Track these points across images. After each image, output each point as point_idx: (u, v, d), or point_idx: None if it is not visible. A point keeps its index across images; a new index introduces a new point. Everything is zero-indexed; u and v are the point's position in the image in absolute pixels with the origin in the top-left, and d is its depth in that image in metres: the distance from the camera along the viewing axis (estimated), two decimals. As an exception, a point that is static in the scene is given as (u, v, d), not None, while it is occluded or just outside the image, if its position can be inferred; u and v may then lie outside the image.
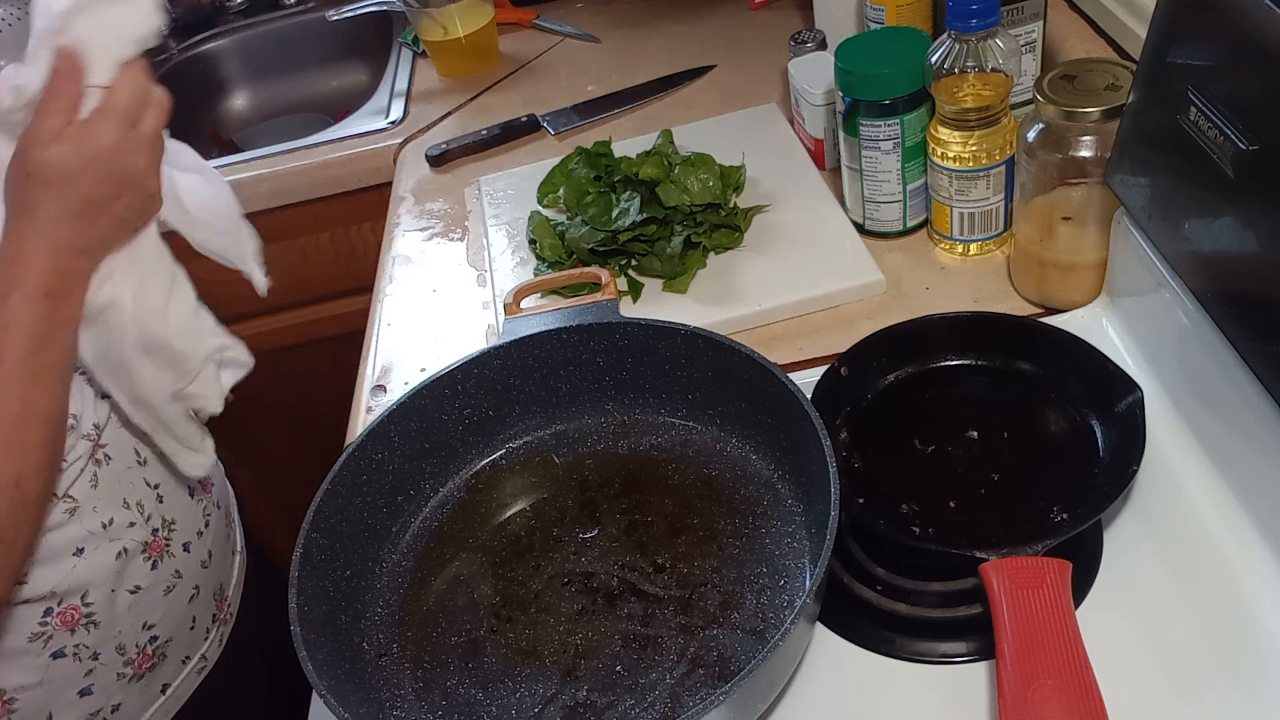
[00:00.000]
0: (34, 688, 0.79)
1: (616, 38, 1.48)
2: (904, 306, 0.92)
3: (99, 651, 0.81)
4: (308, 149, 1.38)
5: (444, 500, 0.82)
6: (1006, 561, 0.63)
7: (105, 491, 0.79)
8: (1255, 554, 0.66)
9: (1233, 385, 0.66)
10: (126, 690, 0.84)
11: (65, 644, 0.79)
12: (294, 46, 1.76)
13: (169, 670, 0.88)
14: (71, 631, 0.79)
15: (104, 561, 0.79)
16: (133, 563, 0.81)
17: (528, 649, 0.71)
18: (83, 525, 0.78)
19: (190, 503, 0.88)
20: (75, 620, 0.79)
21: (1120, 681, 0.59)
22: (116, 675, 0.83)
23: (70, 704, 0.81)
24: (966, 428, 0.77)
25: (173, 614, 0.86)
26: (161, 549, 0.84)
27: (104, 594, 0.80)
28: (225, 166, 1.38)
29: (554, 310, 0.83)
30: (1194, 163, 0.65)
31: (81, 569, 0.78)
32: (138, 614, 0.83)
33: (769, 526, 0.74)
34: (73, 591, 0.78)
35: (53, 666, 0.79)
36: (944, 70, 0.86)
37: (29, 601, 0.76)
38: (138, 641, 0.84)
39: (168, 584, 0.85)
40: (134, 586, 0.82)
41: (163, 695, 0.88)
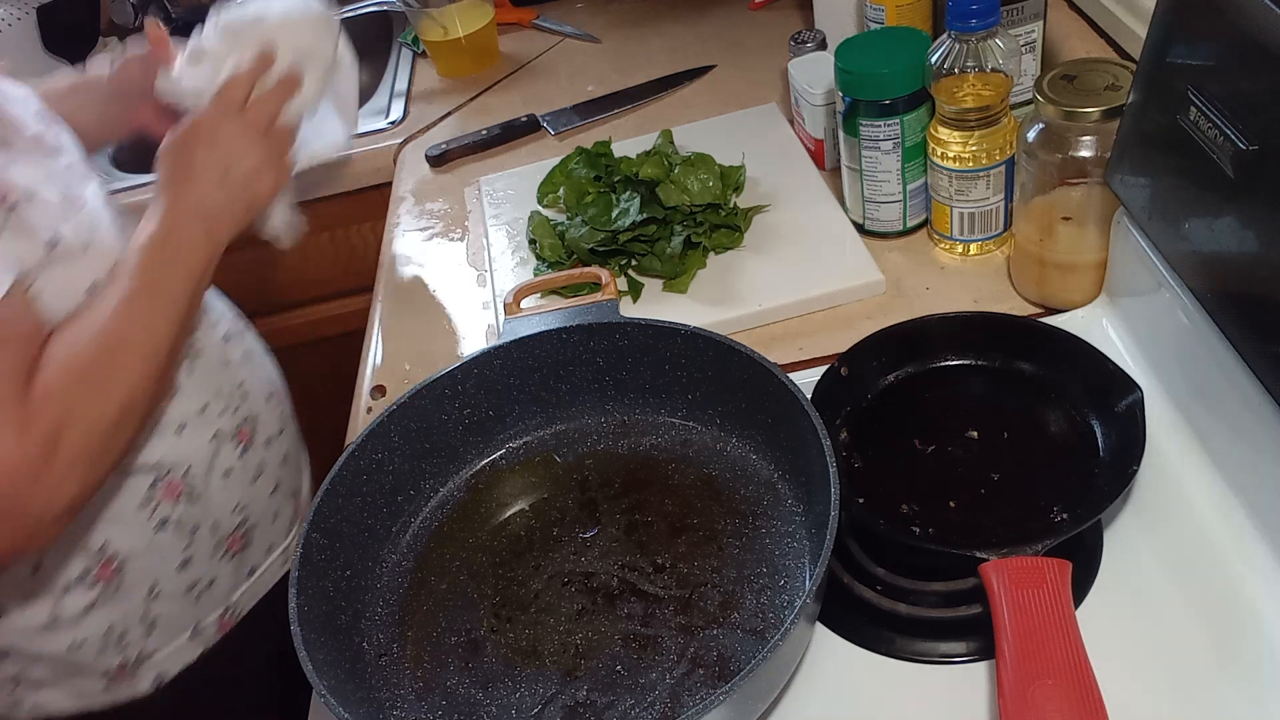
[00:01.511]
0: (141, 555, 0.86)
1: (616, 38, 1.48)
2: (904, 306, 0.92)
3: (197, 526, 0.89)
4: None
5: (444, 500, 0.82)
6: (1006, 561, 0.63)
7: (199, 380, 0.89)
8: (1255, 554, 0.66)
9: (1233, 385, 0.66)
10: (220, 567, 0.93)
11: (168, 515, 0.87)
12: (294, 46, 1.76)
13: (255, 555, 0.97)
14: (174, 503, 0.87)
15: (200, 441, 0.88)
16: (225, 447, 0.91)
17: (528, 649, 0.71)
18: (180, 407, 0.87)
19: (267, 405, 0.97)
20: (176, 493, 0.87)
21: (1120, 681, 0.59)
22: (211, 550, 0.91)
23: (171, 575, 0.89)
24: (966, 428, 0.77)
25: (259, 502, 0.95)
26: (248, 439, 0.94)
27: (201, 471, 0.89)
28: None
29: (554, 310, 0.83)
30: (1194, 163, 0.65)
31: (182, 445, 0.87)
32: (229, 495, 0.92)
33: (769, 526, 0.74)
34: (176, 466, 0.87)
35: (157, 536, 0.87)
36: (944, 70, 0.86)
37: (139, 471, 0.85)
38: (230, 522, 0.92)
39: (254, 472, 0.94)
40: (226, 469, 0.91)
41: (250, 578, 0.97)
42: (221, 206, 0.81)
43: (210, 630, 0.94)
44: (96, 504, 0.83)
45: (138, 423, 0.77)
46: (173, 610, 0.90)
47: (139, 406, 0.76)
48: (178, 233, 0.79)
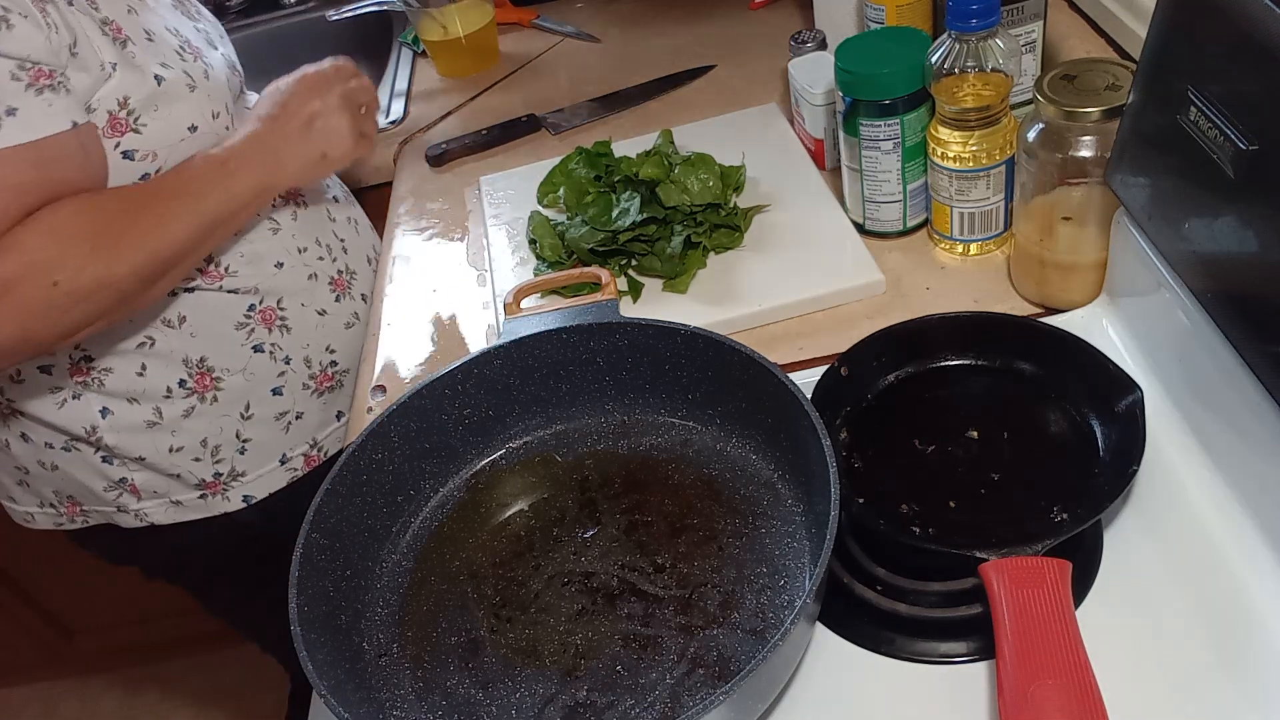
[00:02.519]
0: (238, 373, 0.95)
1: (616, 38, 1.48)
2: (904, 306, 0.92)
3: (291, 356, 0.97)
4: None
5: (444, 500, 0.82)
6: (1006, 561, 0.63)
7: (302, 225, 0.98)
8: (1255, 554, 0.66)
9: (1233, 385, 0.66)
10: (310, 402, 1.01)
11: (264, 340, 0.95)
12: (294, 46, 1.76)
13: (344, 399, 1.04)
14: (270, 329, 0.96)
15: (298, 278, 0.97)
16: (321, 288, 0.99)
17: (528, 649, 0.71)
18: (282, 243, 0.95)
19: (367, 269, 1.07)
20: (272, 320, 0.96)
21: (1120, 681, 0.59)
22: (303, 384, 0.99)
23: (264, 399, 0.97)
24: (966, 428, 0.77)
25: (350, 348, 1.02)
26: (345, 287, 1.02)
27: (296, 305, 0.97)
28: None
29: (554, 310, 0.83)
30: (1194, 163, 0.65)
31: (281, 277, 0.95)
32: (322, 335, 0.99)
33: (769, 526, 0.74)
34: (272, 293, 0.95)
35: (254, 358, 0.95)
36: (944, 70, 0.86)
37: (237, 292, 0.93)
38: (321, 360, 1.00)
39: (348, 319, 1.02)
40: (321, 309, 0.99)
41: (337, 421, 1.05)
42: (296, 149, 0.90)
43: (298, 462, 1.02)
44: (197, 320, 0.92)
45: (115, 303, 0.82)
46: (264, 434, 0.99)
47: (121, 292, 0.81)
48: (240, 160, 0.87)
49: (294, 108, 0.91)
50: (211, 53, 0.94)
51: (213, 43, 0.97)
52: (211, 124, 0.89)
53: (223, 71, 0.93)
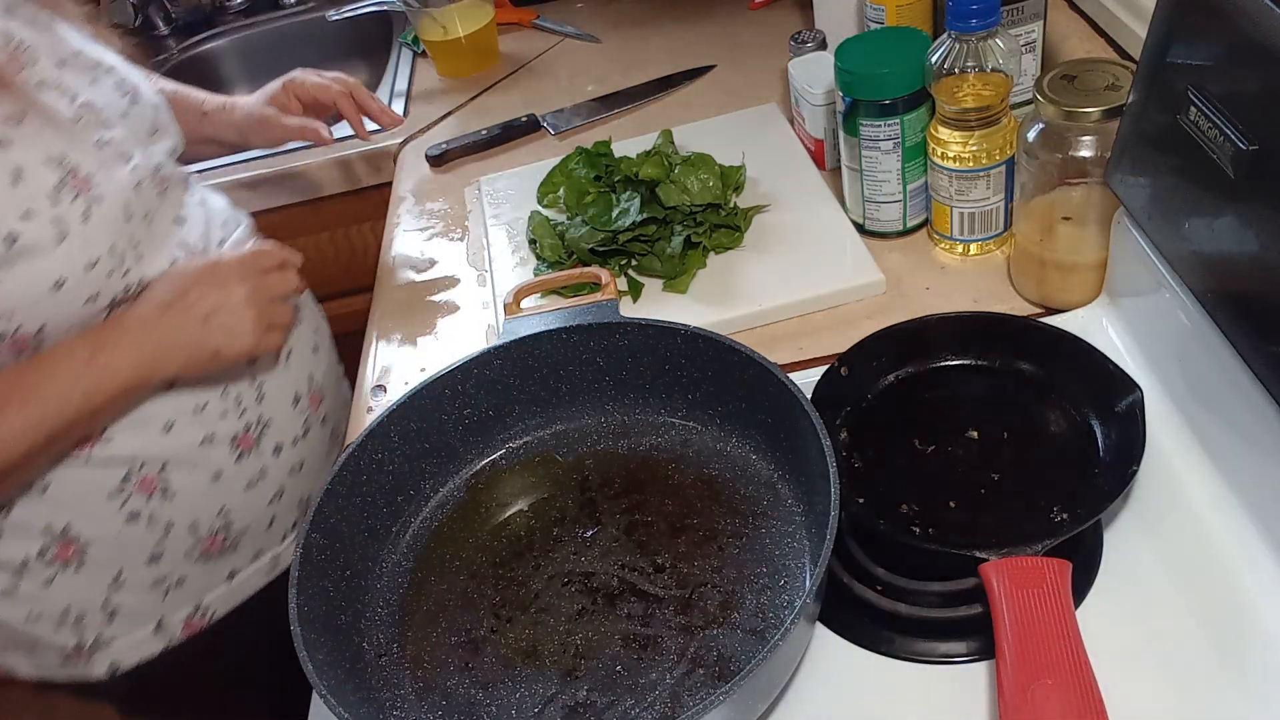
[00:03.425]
0: (107, 543, 0.84)
1: (616, 38, 1.48)
2: (904, 306, 0.92)
3: (173, 523, 0.86)
4: (308, 149, 1.38)
5: (444, 500, 0.82)
6: (1006, 561, 0.63)
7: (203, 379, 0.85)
8: (1255, 554, 0.66)
9: (1233, 385, 0.66)
10: (193, 567, 0.90)
11: (140, 508, 0.84)
12: (294, 46, 1.76)
13: (239, 559, 0.93)
14: (148, 497, 0.84)
15: (189, 441, 0.85)
16: (217, 450, 0.87)
17: (528, 649, 0.71)
18: (177, 402, 0.84)
19: (292, 410, 0.93)
20: (152, 488, 0.85)
21: (1120, 681, 0.59)
22: (185, 551, 0.88)
23: (139, 566, 0.87)
24: (966, 428, 0.77)
25: (251, 508, 0.91)
26: (251, 445, 0.89)
27: (184, 471, 0.86)
28: (226, 166, 1.38)
29: (554, 310, 0.83)
30: (1194, 163, 0.65)
31: (166, 442, 0.84)
32: (214, 498, 0.88)
33: (769, 526, 0.74)
34: (154, 460, 0.84)
35: (127, 527, 0.85)
36: (944, 70, 0.86)
37: (110, 462, 0.82)
38: (211, 524, 0.89)
39: (250, 479, 0.90)
40: (215, 472, 0.87)
41: (228, 581, 0.94)
42: (188, 343, 0.81)
43: (175, 628, 0.92)
44: (61, 487, 0.82)
45: None
46: (136, 601, 0.89)
47: None
48: (115, 351, 0.78)
49: (194, 297, 0.81)
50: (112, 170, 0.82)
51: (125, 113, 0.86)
52: (84, 276, 0.77)
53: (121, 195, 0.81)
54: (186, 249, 0.87)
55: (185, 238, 0.88)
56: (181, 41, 1.75)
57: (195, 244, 0.88)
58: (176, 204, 0.89)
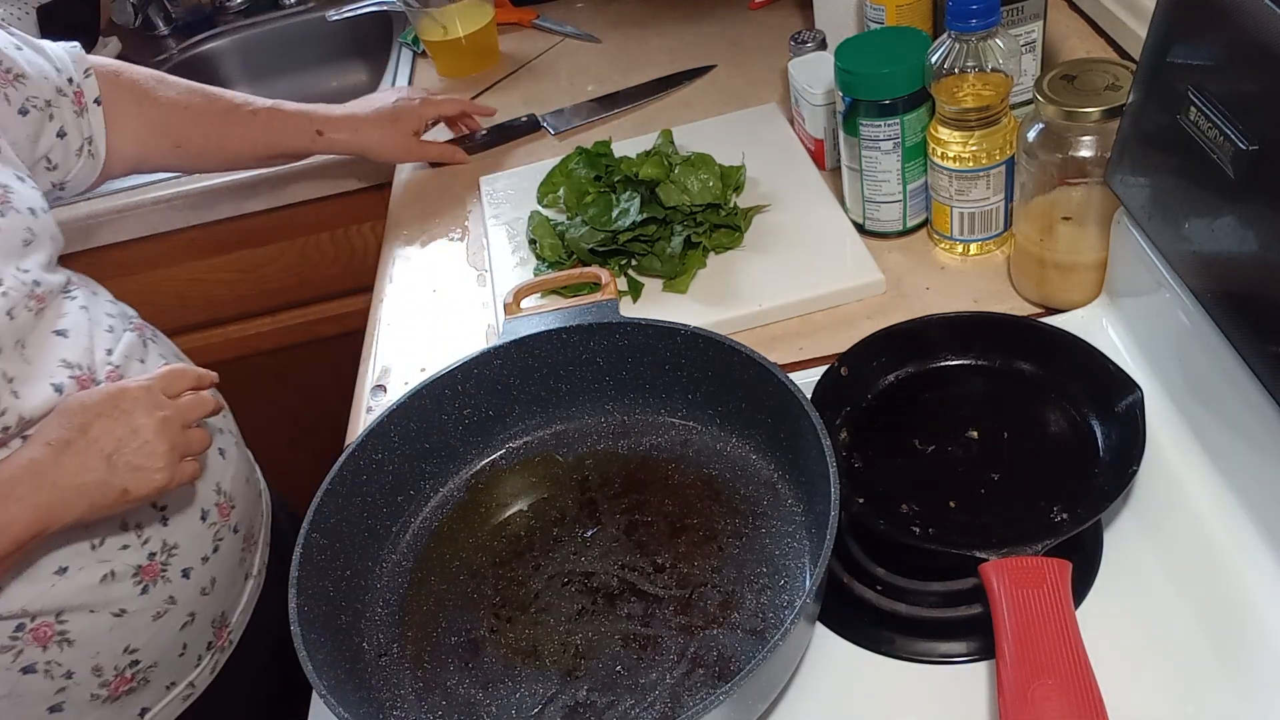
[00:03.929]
0: (1, 699, 0.76)
1: (616, 38, 1.48)
2: (904, 306, 0.92)
3: (73, 670, 0.78)
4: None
5: (444, 500, 0.82)
6: (1006, 561, 0.63)
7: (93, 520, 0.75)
8: (1255, 554, 0.66)
9: (1233, 385, 0.66)
10: (99, 710, 0.81)
11: (36, 660, 0.76)
12: (294, 46, 1.76)
13: (150, 695, 0.84)
14: (44, 648, 0.76)
15: (87, 583, 0.76)
16: (120, 585, 0.78)
17: (528, 649, 0.71)
18: (70, 544, 0.75)
19: (200, 526, 0.85)
20: (48, 637, 0.76)
21: (1120, 681, 0.59)
22: (90, 695, 0.80)
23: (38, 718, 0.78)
24: (966, 428, 0.77)
25: (160, 640, 0.83)
26: (157, 574, 0.81)
27: (83, 615, 0.77)
28: (225, 166, 1.38)
29: (554, 310, 0.83)
30: (1194, 163, 0.65)
31: (61, 588, 0.75)
32: (119, 637, 0.79)
33: (769, 526, 0.74)
34: (47, 610, 0.75)
35: (22, 681, 0.76)
36: (944, 70, 0.86)
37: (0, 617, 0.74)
38: (116, 664, 0.80)
39: (158, 610, 0.82)
40: (119, 609, 0.79)
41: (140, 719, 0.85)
42: (92, 486, 0.71)
43: None
44: None
45: None
46: None
47: None
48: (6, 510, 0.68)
49: (96, 433, 0.71)
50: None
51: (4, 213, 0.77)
52: None
53: None
54: (70, 368, 0.77)
55: (67, 355, 0.78)
56: (181, 41, 1.75)
57: (79, 361, 0.78)
58: (55, 317, 0.80)
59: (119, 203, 1.36)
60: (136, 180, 1.38)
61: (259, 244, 1.42)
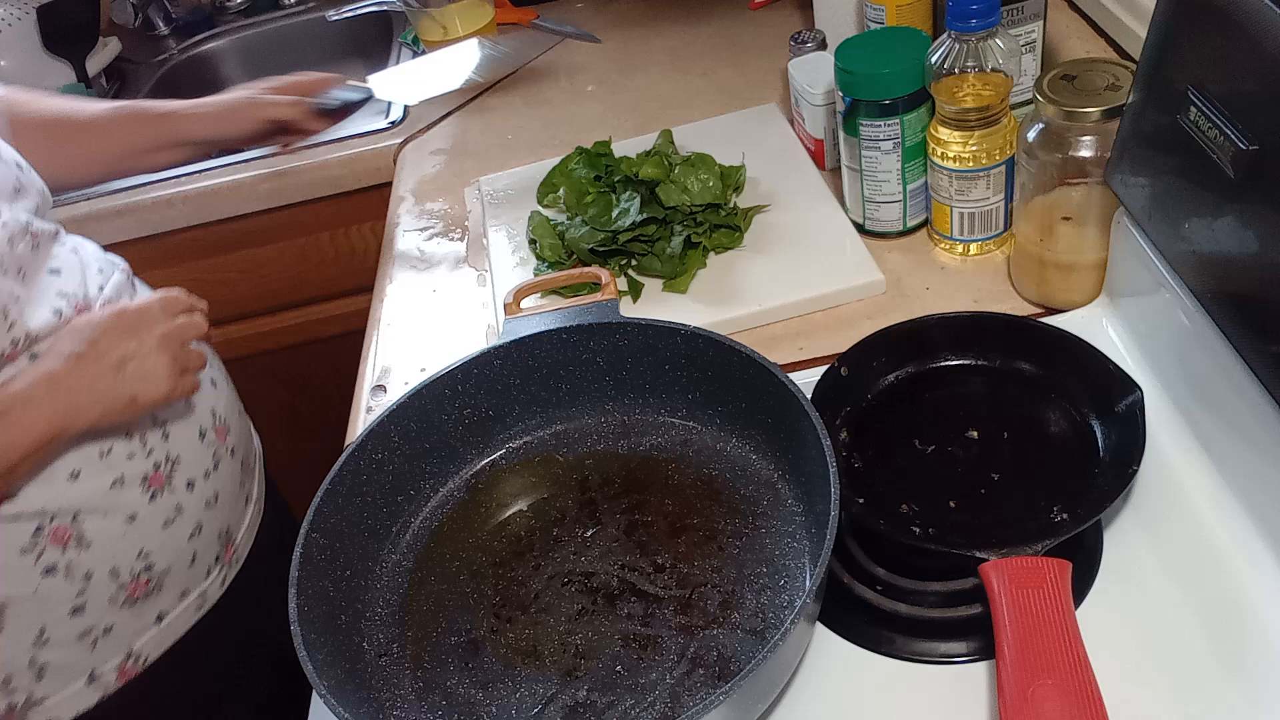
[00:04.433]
0: (25, 600, 0.81)
1: (616, 38, 1.48)
2: (904, 306, 0.92)
3: (91, 572, 0.83)
4: (308, 149, 1.38)
5: (444, 500, 0.82)
6: (1006, 561, 0.63)
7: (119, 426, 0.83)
8: (1255, 554, 0.66)
9: (1233, 385, 0.66)
10: (119, 614, 0.86)
11: (56, 561, 0.81)
12: (294, 46, 1.76)
13: (165, 600, 0.90)
14: (63, 549, 0.81)
15: (98, 486, 0.82)
16: (129, 492, 0.84)
17: (528, 649, 0.71)
18: (80, 450, 0.81)
19: (199, 444, 0.91)
20: (66, 539, 0.81)
21: (1120, 681, 0.59)
22: (109, 598, 0.85)
23: (61, 620, 0.83)
24: (966, 428, 0.77)
25: (170, 547, 0.89)
26: (162, 483, 0.87)
27: (97, 517, 0.83)
28: (225, 166, 1.38)
29: (554, 310, 0.83)
30: (1194, 163, 0.65)
31: (75, 491, 0.81)
32: (132, 541, 0.85)
33: (769, 526, 0.74)
34: (64, 512, 0.81)
35: (44, 582, 0.81)
36: (944, 70, 0.86)
37: (19, 517, 0.79)
38: (132, 568, 0.86)
39: (167, 516, 0.87)
40: (130, 515, 0.84)
41: (158, 624, 0.90)
42: (103, 393, 0.79)
43: (109, 677, 0.88)
44: None
45: None
46: (64, 656, 0.85)
47: None
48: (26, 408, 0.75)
49: (105, 346, 0.79)
50: None
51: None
52: None
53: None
54: (66, 298, 0.84)
55: (63, 287, 0.85)
56: (181, 41, 1.75)
57: (74, 292, 0.85)
58: (48, 256, 0.87)
59: (119, 203, 1.36)
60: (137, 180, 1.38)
61: (259, 244, 1.42)
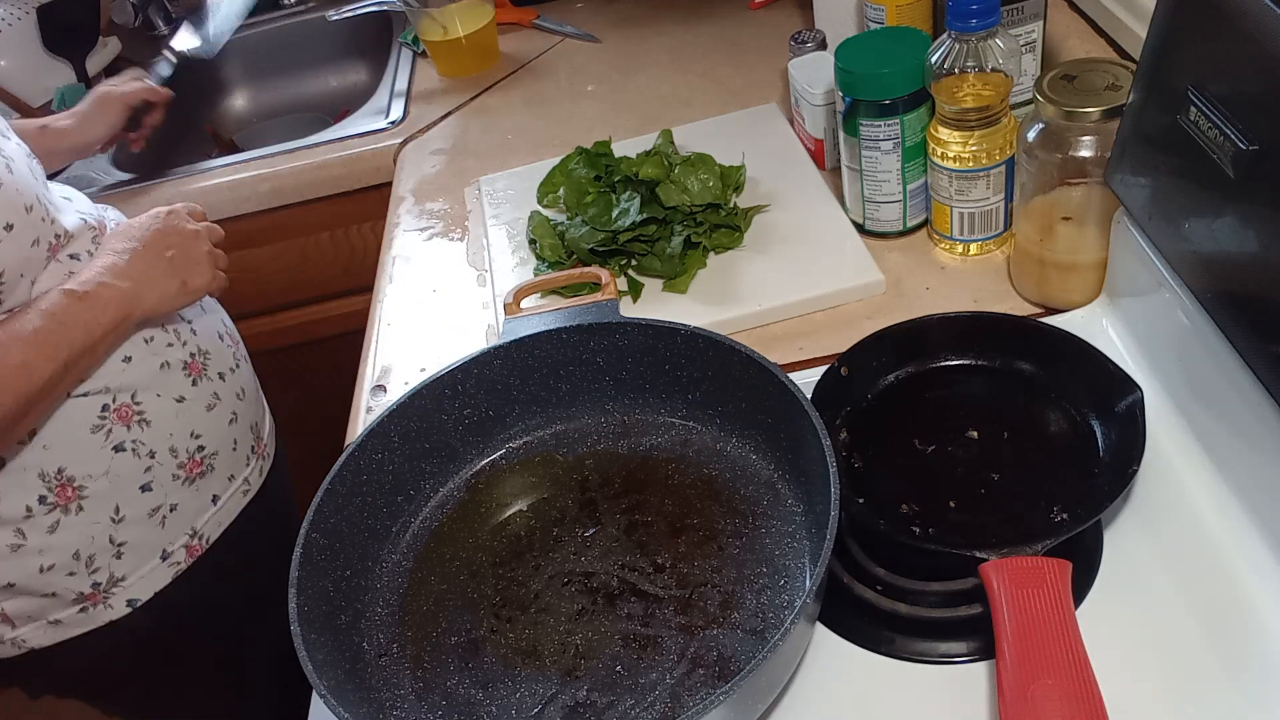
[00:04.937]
0: (100, 478, 0.89)
1: (616, 38, 1.48)
2: (904, 306, 0.92)
3: (155, 450, 0.93)
4: (308, 149, 1.38)
5: (444, 500, 0.82)
6: (1006, 561, 0.63)
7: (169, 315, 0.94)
8: (1255, 554, 0.66)
9: (1233, 385, 0.66)
10: (182, 492, 0.96)
11: (124, 439, 0.90)
12: (294, 46, 1.76)
13: (217, 482, 1.00)
14: (128, 427, 0.90)
15: (149, 369, 0.92)
16: (175, 375, 0.94)
17: (528, 649, 0.71)
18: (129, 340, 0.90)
19: (220, 345, 1.01)
20: (129, 416, 0.91)
21: (1120, 681, 0.59)
22: (172, 476, 0.94)
23: (133, 498, 0.92)
24: (966, 428, 0.77)
25: (216, 430, 0.98)
26: (200, 371, 0.97)
27: (152, 396, 0.92)
28: (225, 166, 1.38)
29: (554, 310, 0.83)
30: (1194, 163, 0.65)
31: (130, 372, 0.90)
32: (185, 421, 0.95)
33: (769, 526, 0.74)
34: (124, 389, 0.90)
35: (115, 459, 0.90)
36: (944, 70, 0.86)
37: (87, 395, 0.88)
38: (188, 447, 0.96)
39: (208, 401, 0.97)
40: (179, 396, 0.94)
41: (214, 505, 1.00)
42: (156, 280, 0.89)
43: (179, 555, 0.97)
44: (49, 430, 0.87)
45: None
46: (139, 534, 0.93)
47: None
48: (99, 293, 0.85)
49: (153, 241, 0.91)
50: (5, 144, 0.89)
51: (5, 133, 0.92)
52: (27, 219, 0.84)
53: (24, 163, 0.89)
54: (85, 217, 0.93)
55: (79, 207, 0.94)
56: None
57: (90, 213, 0.94)
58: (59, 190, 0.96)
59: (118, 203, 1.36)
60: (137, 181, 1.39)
61: (259, 244, 1.42)
